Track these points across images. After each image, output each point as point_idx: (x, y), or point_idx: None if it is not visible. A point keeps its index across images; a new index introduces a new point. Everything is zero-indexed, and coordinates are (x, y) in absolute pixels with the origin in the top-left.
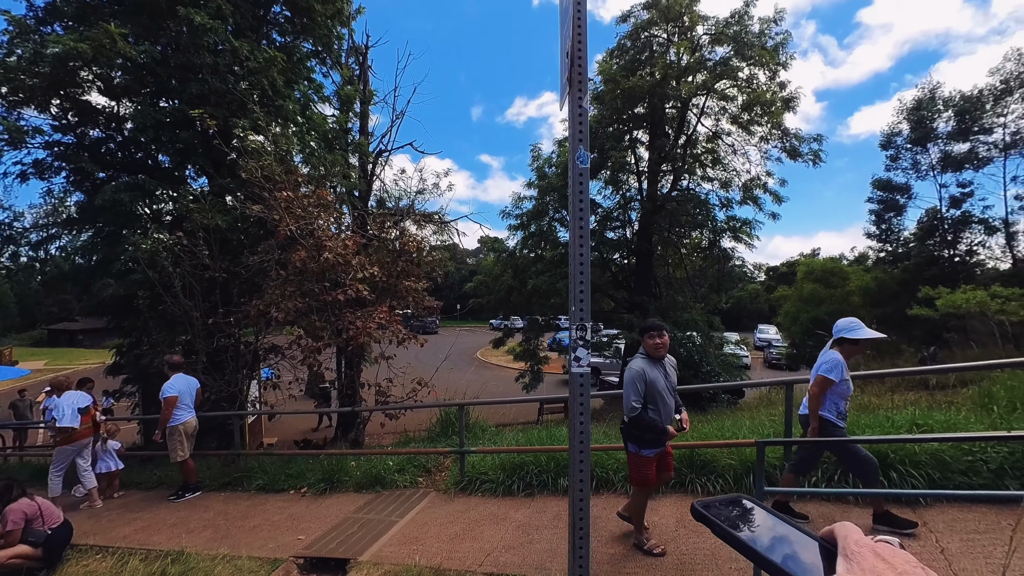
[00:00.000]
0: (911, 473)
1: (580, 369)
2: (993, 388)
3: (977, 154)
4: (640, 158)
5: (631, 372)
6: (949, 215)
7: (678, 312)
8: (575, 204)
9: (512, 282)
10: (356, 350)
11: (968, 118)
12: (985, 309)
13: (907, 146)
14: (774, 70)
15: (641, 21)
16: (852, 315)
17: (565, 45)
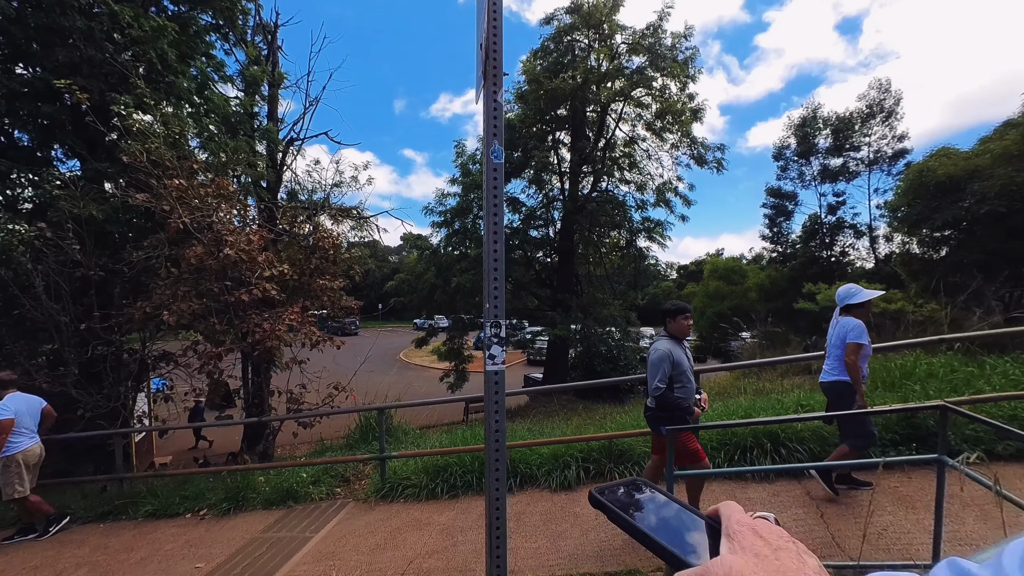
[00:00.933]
0: (797, 448)
1: (495, 367)
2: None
3: (848, 168)
4: (562, 159)
5: (658, 353)
6: (827, 220)
7: (598, 309)
8: (489, 199)
9: (436, 280)
10: (264, 355)
11: (842, 136)
12: None
13: (794, 158)
14: (684, 82)
15: (564, 25)
16: (749, 309)
17: (480, 37)
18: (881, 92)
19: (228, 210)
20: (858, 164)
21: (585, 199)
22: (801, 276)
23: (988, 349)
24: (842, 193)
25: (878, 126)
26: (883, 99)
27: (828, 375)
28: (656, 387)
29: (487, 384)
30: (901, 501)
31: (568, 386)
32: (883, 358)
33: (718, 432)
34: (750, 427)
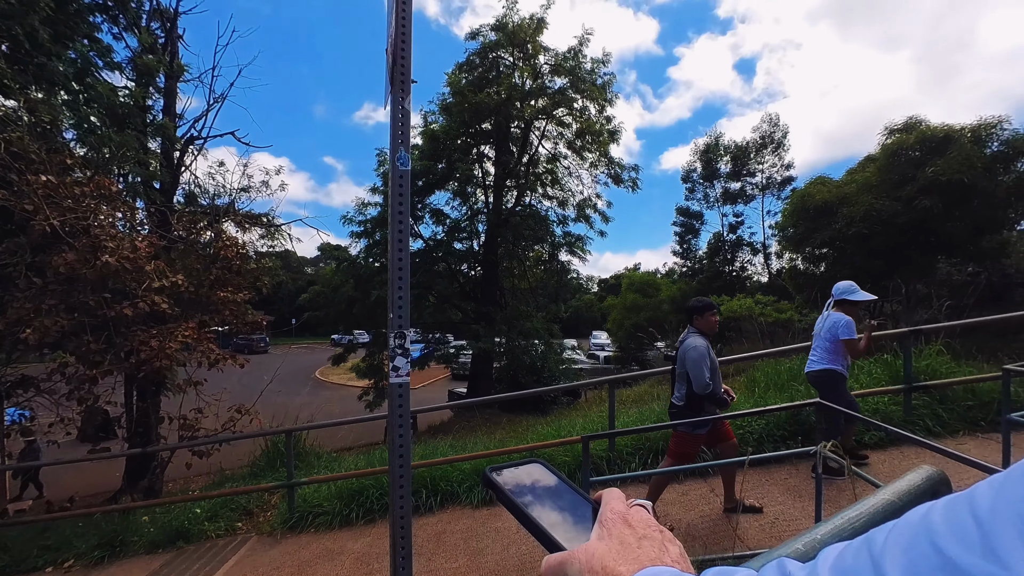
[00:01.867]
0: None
1: (399, 379)
2: (756, 375)
3: (746, 191)
4: (487, 172)
5: (699, 350)
6: (729, 239)
7: (522, 321)
8: (395, 206)
9: (355, 293)
10: (152, 376)
11: (739, 163)
12: (752, 313)
13: (700, 181)
14: (602, 105)
15: (489, 42)
16: (663, 320)
17: (389, 43)
18: (771, 126)
19: (110, 212)
20: (753, 188)
21: (509, 213)
22: (708, 289)
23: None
24: (741, 214)
25: (769, 155)
26: (773, 132)
27: (815, 364)
28: (706, 383)
29: (391, 397)
30: (791, 491)
31: (492, 399)
32: (774, 362)
33: (633, 437)
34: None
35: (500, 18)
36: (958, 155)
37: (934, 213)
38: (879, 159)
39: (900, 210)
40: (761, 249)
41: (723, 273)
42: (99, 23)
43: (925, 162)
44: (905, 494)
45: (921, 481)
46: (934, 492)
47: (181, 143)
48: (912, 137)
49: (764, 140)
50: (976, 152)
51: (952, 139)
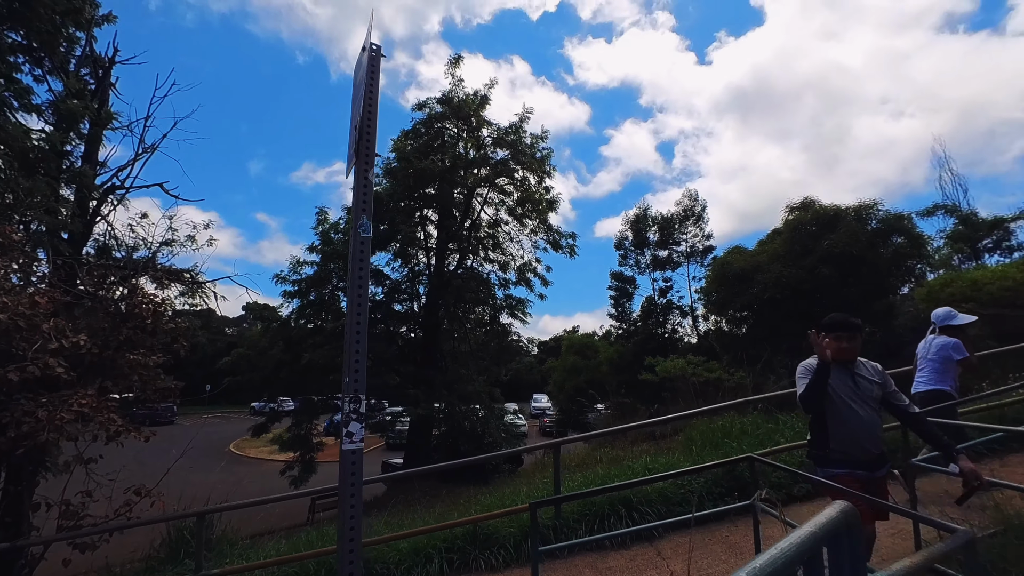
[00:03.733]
0: (647, 511)
1: (353, 446)
2: (692, 433)
3: (672, 259)
4: (429, 235)
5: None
6: (660, 302)
7: (463, 385)
8: (354, 272)
9: (283, 356)
10: (32, 453)
11: (666, 233)
12: (685, 372)
13: (631, 249)
14: (541, 176)
15: (435, 113)
16: (603, 381)
17: (355, 119)
18: (691, 200)
19: (5, 264)
20: (679, 256)
21: (451, 275)
22: (643, 350)
23: (780, 408)
24: (670, 279)
25: (691, 227)
26: (693, 206)
27: (924, 385)
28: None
29: (343, 466)
30: (732, 548)
31: (430, 468)
32: (708, 420)
33: (579, 503)
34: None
35: (446, 92)
36: (846, 231)
37: (832, 280)
38: (784, 232)
39: (804, 277)
40: (689, 312)
41: (656, 335)
42: (20, 63)
43: (821, 236)
44: (824, 526)
45: (836, 514)
46: (848, 524)
47: (100, 191)
48: (808, 214)
49: (686, 213)
50: (860, 228)
51: (840, 217)
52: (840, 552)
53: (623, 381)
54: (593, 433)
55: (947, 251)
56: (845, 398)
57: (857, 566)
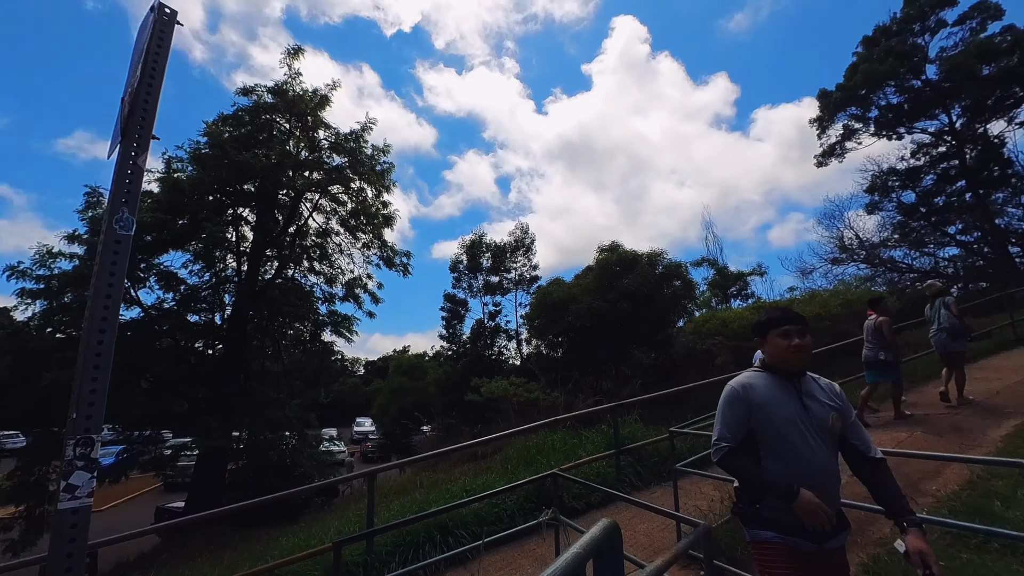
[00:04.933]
0: (463, 534)
1: (73, 503)
2: (510, 452)
3: (503, 285)
4: (244, 237)
5: (725, 392)
6: (489, 325)
7: (271, 410)
8: (104, 276)
9: (12, 375)
10: None
11: (498, 260)
12: (507, 393)
13: (466, 272)
14: (380, 190)
15: (265, 103)
16: (429, 403)
17: (129, 89)
18: (523, 233)
19: None
20: (509, 283)
21: (267, 285)
22: (471, 371)
23: (585, 424)
24: (499, 304)
25: (521, 256)
26: (524, 238)
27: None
28: (715, 443)
29: (58, 531)
30: (538, 561)
31: (221, 511)
32: (524, 439)
33: (393, 534)
34: (423, 521)
35: (281, 83)
36: (641, 273)
37: (628, 313)
38: (595, 270)
39: (608, 309)
40: (515, 336)
41: (484, 357)
42: None
43: (622, 275)
44: (588, 544)
45: (599, 532)
46: (610, 540)
47: None
48: (614, 256)
49: (517, 243)
50: (651, 272)
51: (637, 260)
52: (604, 566)
53: (450, 402)
54: (409, 459)
55: (708, 295)
56: (788, 429)
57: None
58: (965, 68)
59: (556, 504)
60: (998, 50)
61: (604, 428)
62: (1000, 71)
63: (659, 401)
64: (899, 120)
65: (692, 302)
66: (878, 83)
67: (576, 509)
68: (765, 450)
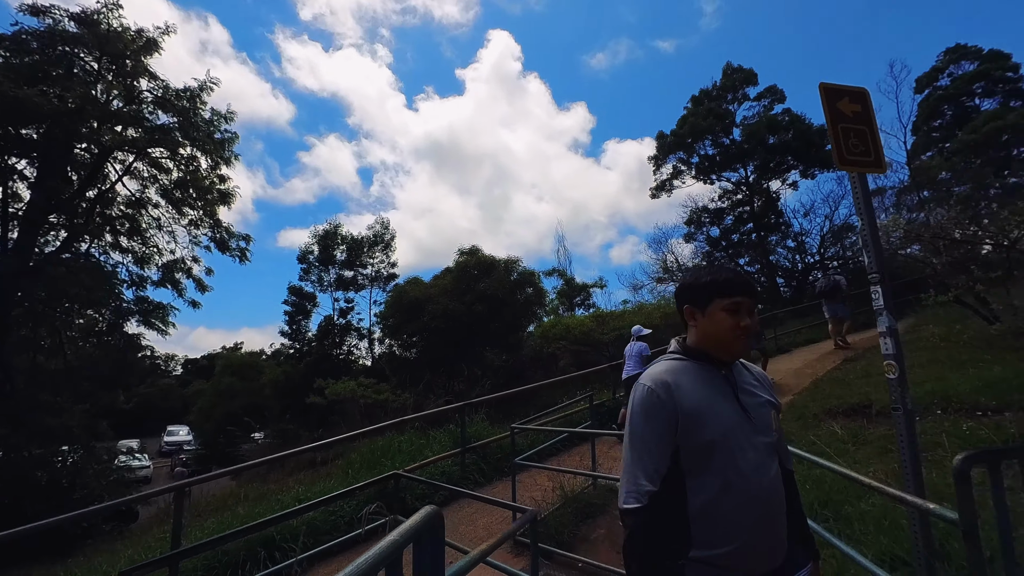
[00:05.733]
0: (292, 547)
1: None
2: (353, 456)
3: (357, 280)
4: (17, 196)
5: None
6: (339, 323)
7: (45, 417)
8: None
9: None
10: None
11: (354, 254)
12: (355, 395)
13: (316, 264)
14: (217, 161)
15: (65, 31)
16: (264, 406)
17: None
18: (383, 228)
19: None
20: (364, 279)
21: (47, 258)
22: (315, 372)
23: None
24: (352, 300)
25: (379, 252)
26: (384, 233)
27: (632, 371)
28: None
29: None
30: None
31: None
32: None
33: (204, 557)
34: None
35: (91, 12)
36: (497, 277)
37: (484, 316)
38: (454, 271)
39: (464, 311)
40: (367, 335)
41: (332, 356)
42: None
43: (480, 279)
44: (407, 531)
45: (419, 519)
46: (431, 526)
47: None
48: (473, 260)
49: (376, 238)
50: (506, 277)
51: (495, 266)
52: (424, 551)
53: (289, 405)
54: (231, 469)
55: (556, 303)
56: (730, 444)
57: (437, 562)
58: (757, 135)
59: (397, 505)
60: (780, 126)
61: (452, 428)
62: (780, 142)
63: (507, 400)
64: (713, 168)
65: (542, 308)
66: (700, 135)
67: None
68: (695, 480)
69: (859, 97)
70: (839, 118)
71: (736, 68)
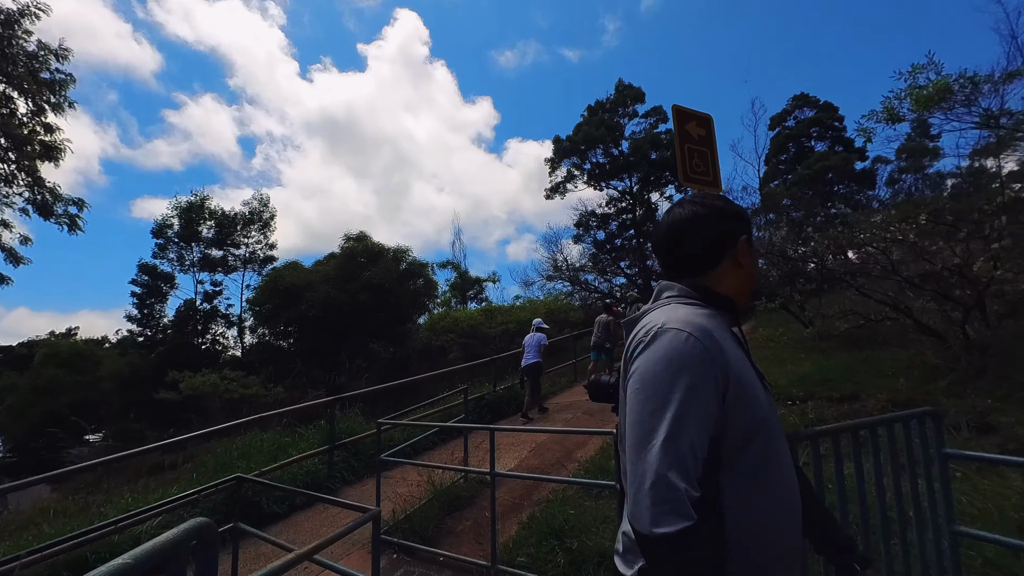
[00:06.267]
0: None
1: None
2: (207, 458)
3: (228, 261)
4: None
5: (660, 343)
6: (203, 308)
7: None
8: None
9: None
10: None
11: (225, 232)
12: (217, 389)
13: (176, 240)
14: (42, 106)
15: None
16: (102, 403)
17: None
18: (261, 205)
19: None
20: (236, 260)
21: None
22: (169, 363)
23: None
24: (220, 283)
25: (256, 232)
26: (263, 211)
27: (531, 359)
28: (652, 509)
29: None
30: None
31: None
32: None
33: None
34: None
35: None
36: (384, 267)
37: (368, 306)
38: (338, 258)
39: (348, 301)
40: (237, 322)
41: (193, 345)
42: None
43: (367, 267)
44: (168, 543)
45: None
46: (199, 537)
47: None
48: (360, 246)
49: (253, 216)
50: (395, 267)
51: (383, 254)
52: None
53: (135, 401)
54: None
55: (449, 295)
56: (773, 422)
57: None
58: (642, 150)
59: (239, 512)
60: (662, 143)
61: (323, 424)
62: (661, 158)
63: (388, 394)
64: (603, 176)
65: (432, 300)
66: (593, 144)
67: (278, 513)
68: (743, 475)
69: (705, 122)
70: (686, 138)
71: (627, 85)
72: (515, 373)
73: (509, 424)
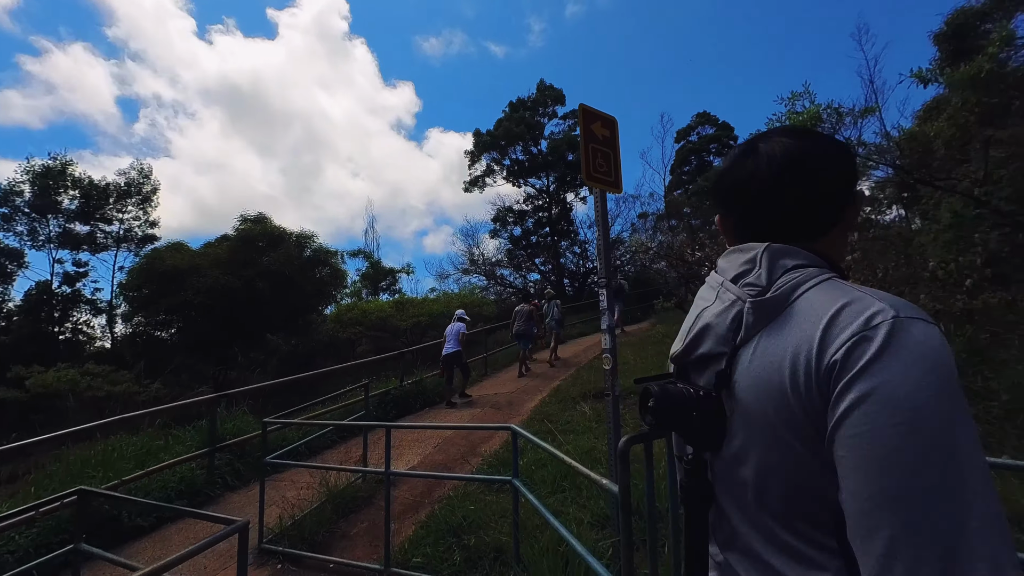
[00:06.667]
0: None
1: None
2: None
3: (95, 239)
4: None
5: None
6: (62, 291)
7: None
8: None
9: None
10: None
11: (93, 204)
12: (75, 386)
13: (27, 211)
14: None
15: None
16: None
17: None
18: (141, 176)
19: None
20: (107, 238)
21: None
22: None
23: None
24: (86, 264)
25: (133, 207)
26: (143, 184)
27: (451, 348)
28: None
29: None
30: None
31: None
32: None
33: None
34: None
35: None
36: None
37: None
38: (232, 240)
39: (242, 288)
40: (107, 309)
41: (48, 334)
42: None
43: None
44: None
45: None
46: None
47: None
48: (258, 229)
49: (129, 187)
50: (297, 254)
51: (284, 239)
52: None
53: None
54: None
55: (360, 286)
56: None
57: None
58: (560, 150)
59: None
60: (578, 146)
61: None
62: (577, 160)
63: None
64: (521, 173)
65: (340, 291)
66: (513, 140)
67: (142, 528)
68: None
69: (610, 124)
70: (591, 138)
71: (549, 86)
72: (424, 367)
73: (417, 419)
